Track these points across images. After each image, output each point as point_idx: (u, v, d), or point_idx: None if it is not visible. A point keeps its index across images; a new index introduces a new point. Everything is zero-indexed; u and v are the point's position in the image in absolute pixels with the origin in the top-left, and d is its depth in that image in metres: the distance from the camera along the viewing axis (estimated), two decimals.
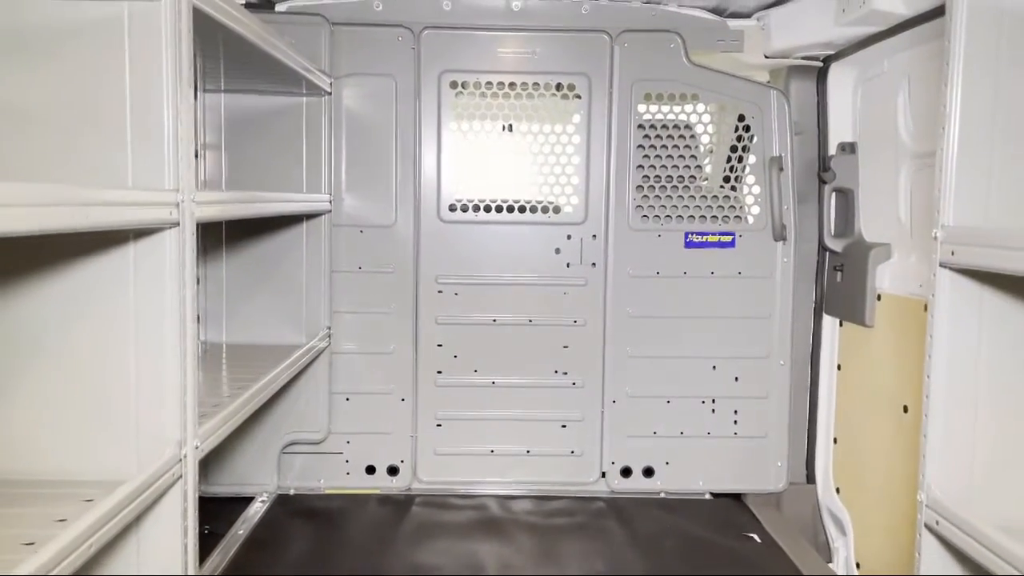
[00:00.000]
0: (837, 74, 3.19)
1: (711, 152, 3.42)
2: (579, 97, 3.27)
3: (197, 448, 1.78)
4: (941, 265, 1.51)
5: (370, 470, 3.35)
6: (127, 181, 1.64)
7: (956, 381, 1.52)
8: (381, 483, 3.35)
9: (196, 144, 2.74)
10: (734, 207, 3.32)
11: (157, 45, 1.62)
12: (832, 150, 3.24)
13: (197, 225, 1.75)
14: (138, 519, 1.64)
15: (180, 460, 1.70)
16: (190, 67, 1.67)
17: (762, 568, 2.78)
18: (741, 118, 3.27)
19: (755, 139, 3.28)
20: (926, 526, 1.58)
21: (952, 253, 1.48)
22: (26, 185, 1.17)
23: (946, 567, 1.55)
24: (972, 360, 1.53)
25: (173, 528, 1.70)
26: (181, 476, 1.71)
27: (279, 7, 3.19)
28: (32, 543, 1.36)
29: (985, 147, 1.51)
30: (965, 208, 1.50)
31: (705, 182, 3.36)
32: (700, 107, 3.33)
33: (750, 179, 3.32)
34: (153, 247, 1.65)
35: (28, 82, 1.61)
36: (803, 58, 3.25)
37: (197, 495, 1.78)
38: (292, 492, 3.31)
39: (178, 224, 1.65)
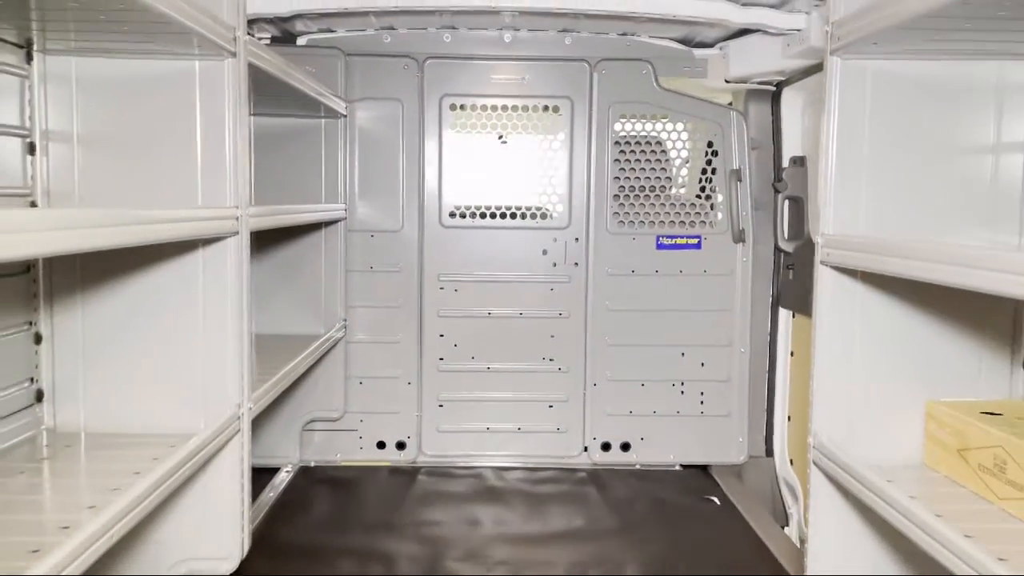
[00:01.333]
0: (788, 97, 3.64)
1: (687, 164, 3.86)
2: (561, 116, 3.74)
3: (250, 409, 2.24)
4: (821, 263, 1.98)
5: (380, 445, 3.81)
6: (198, 199, 2.11)
7: (836, 351, 1.99)
8: (390, 456, 3.81)
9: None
10: (700, 213, 3.78)
11: (221, 94, 2.08)
12: (785, 163, 3.69)
13: None
14: (208, 462, 2.11)
15: (239, 417, 2.17)
16: (247, 111, 2.14)
17: (717, 523, 3.24)
18: (708, 137, 3.73)
19: (718, 154, 3.74)
20: (813, 463, 2.04)
21: (828, 254, 1.95)
22: (142, 211, 1.63)
23: (828, 494, 2.01)
24: (849, 333, 1.99)
25: (233, 470, 2.17)
26: (239, 430, 2.18)
27: (300, 41, 3.64)
28: (138, 472, 1.83)
29: (854, 174, 1.96)
30: (841, 219, 1.97)
31: (675, 191, 3.81)
32: (669, 126, 3.78)
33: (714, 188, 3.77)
34: (218, 251, 2.11)
35: (128, 122, 2.07)
36: (759, 83, 3.70)
37: (251, 446, 2.24)
38: (312, 464, 3.77)
39: (237, 233, 2.12)
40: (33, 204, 2.10)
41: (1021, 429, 1.74)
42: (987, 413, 1.87)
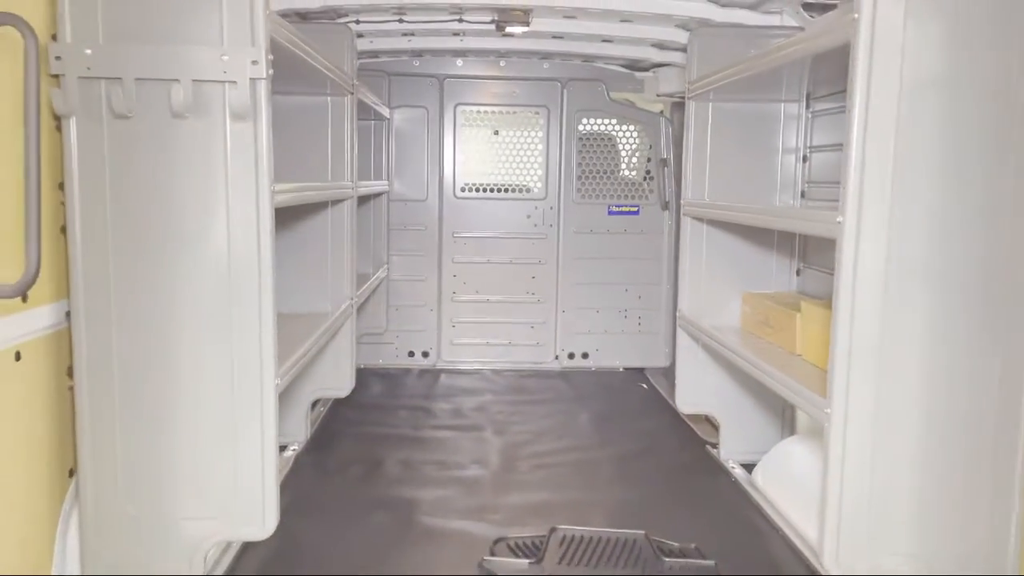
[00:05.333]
0: None
1: (636, 155, 5.40)
2: (541, 119, 5.27)
3: (356, 300, 3.78)
4: (684, 215, 3.56)
5: (411, 354, 5.36)
6: (328, 177, 3.62)
7: (691, 260, 3.56)
8: (418, 362, 5.36)
9: None
10: (639, 189, 5.33)
11: (343, 117, 3.59)
12: None
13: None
14: (337, 331, 3.64)
15: (351, 304, 3.71)
16: (356, 127, 3.65)
17: (644, 397, 4.83)
18: (645, 135, 5.28)
19: (651, 147, 5.29)
20: (679, 326, 3.63)
21: (688, 210, 3.52)
22: (300, 183, 3.14)
23: (687, 341, 3.61)
24: (700, 253, 3.56)
25: (348, 335, 3.71)
26: (351, 313, 3.72)
27: None
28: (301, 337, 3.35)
29: (702, 166, 3.52)
30: (696, 191, 3.53)
31: (623, 174, 5.36)
32: (618, 127, 5.32)
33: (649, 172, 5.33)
34: (340, 209, 3.63)
35: (291, 136, 3.57)
36: (680, 97, 5.23)
37: (356, 322, 3.77)
38: (363, 366, 5.30)
39: (352, 197, 3.65)
40: None
41: (781, 303, 3.30)
42: (770, 297, 3.44)
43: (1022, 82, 2.03)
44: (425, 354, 5.38)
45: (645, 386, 5.08)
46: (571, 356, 5.41)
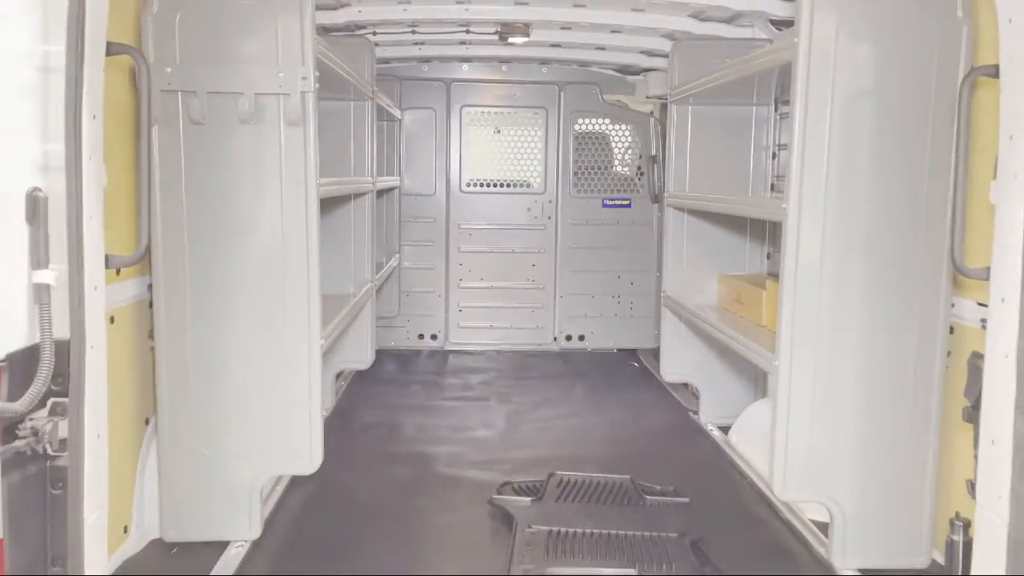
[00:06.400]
0: None
1: (627, 151, 5.85)
2: (540, 119, 5.72)
3: (375, 282, 4.23)
4: (667, 205, 4.01)
5: (420, 336, 5.81)
6: (350, 172, 4.07)
7: (674, 246, 4.01)
8: (427, 344, 5.82)
9: None
10: (631, 184, 5.78)
11: (364, 120, 4.04)
12: None
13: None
14: (360, 310, 4.09)
15: (371, 286, 4.16)
16: (376, 128, 4.09)
17: (635, 375, 5.28)
18: (636, 133, 5.73)
19: (642, 145, 5.74)
20: (664, 304, 4.09)
21: (670, 200, 3.97)
22: (332, 178, 3.59)
23: (671, 317, 4.06)
24: (680, 240, 4.01)
25: (368, 314, 4.16)
26: (371, 295, 4.17)
27: None
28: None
29: (683, 162, 3.97)
30: (678, 184, 3.98)
31: (616, 169, 5.81)
32: (611, 126, 5.77)
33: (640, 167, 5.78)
34: (361, 201, 4.08)
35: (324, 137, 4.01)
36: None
37: (375, 303, 4.23)
38: (376, 348, 5.74)
39: (372, 191, 4.09)
40: None
41: (750, 282, 3.75)
42: (742, 277, 3.88)
43: (933, 93, 2.47)
44: (434, 336, 5.83)
45: (636, 364, 5.53)
46: (568, 338, 5.86)
